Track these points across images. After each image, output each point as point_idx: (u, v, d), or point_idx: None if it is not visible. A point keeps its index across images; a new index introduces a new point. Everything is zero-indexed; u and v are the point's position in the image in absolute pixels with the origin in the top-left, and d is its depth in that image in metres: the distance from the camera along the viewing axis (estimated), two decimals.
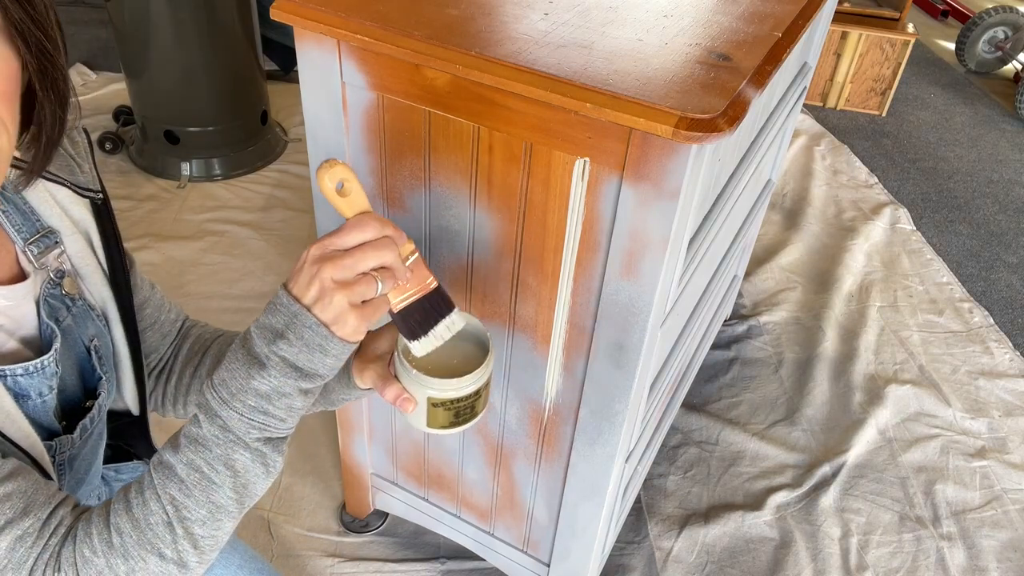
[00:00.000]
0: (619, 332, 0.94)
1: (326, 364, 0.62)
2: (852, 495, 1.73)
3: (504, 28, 0.88)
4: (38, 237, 0.67)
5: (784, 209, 2.65)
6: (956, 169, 2.99)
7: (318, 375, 0.62)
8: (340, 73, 0.93)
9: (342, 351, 0.62)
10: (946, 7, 4.28)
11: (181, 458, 0.61)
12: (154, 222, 2.32)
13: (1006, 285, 2.42)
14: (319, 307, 0.60)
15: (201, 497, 0.61)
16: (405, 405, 0.75)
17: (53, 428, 0.69)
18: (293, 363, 0.61)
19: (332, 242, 0.61)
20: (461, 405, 0.74)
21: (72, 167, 0.70)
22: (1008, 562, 1.64)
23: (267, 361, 0.61)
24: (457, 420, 0.76)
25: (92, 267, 0.72)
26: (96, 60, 3.08)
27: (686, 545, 1.60)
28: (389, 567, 1.51)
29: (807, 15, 1.03)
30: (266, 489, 0.66)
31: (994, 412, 1.97)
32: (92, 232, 0.72)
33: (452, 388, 0.73)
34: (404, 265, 0.66)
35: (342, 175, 0.63)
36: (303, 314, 0.60)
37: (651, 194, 0.82)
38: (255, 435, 0.62)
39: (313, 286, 0.60)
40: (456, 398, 0.73)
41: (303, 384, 0.62)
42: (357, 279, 0.61)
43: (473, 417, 0.76)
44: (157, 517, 0.61)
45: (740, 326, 2.15)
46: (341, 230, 0.62)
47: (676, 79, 0.81)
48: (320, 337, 0.61)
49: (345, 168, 0.64)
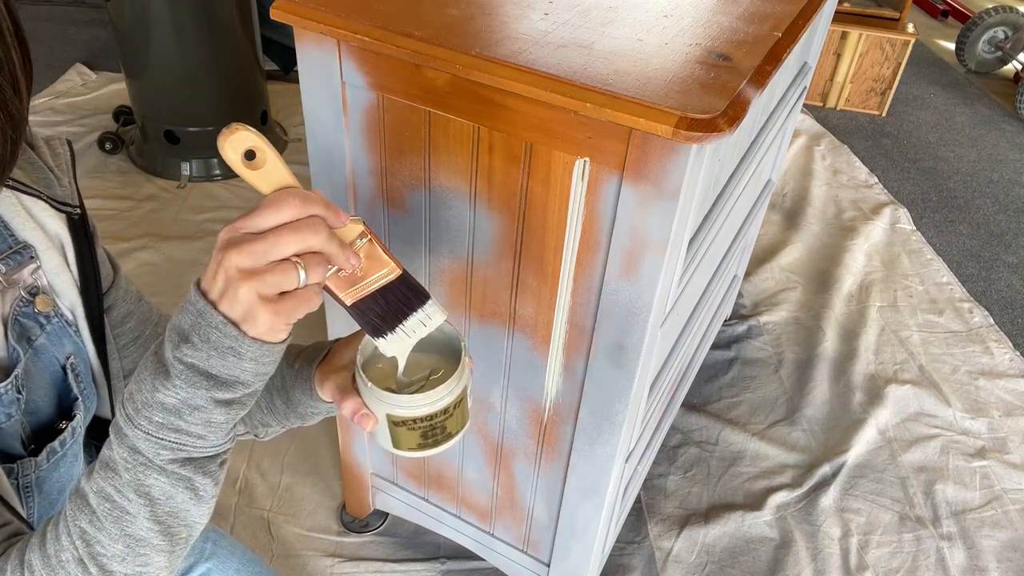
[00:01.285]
0: (619, 332, 0.94)
1: (244, 369, 0.52)
2: (852, 495, 1.73)
3: (504, 28, 0.88)
4: (10, 253, 0.63)
5: (784, 209, 2.65)
6: (956, 169, 2.99)
7: (238, 382, 0.53)
8: (340, 73, 0.93)
9: (261, 354, 0.52)
10: (946, 7, 4.27)
11: (92, 485, 0.54)
12: (154, 222, 2.32)
13: (1006, 285, 2.42)
14: (225, 303, 0.51)
15: (114, 530, 0.54)
16: (364, 422, 0.64)
17: (14, 452, 0.64)
18: (203, 369, 0.52)
19: (243, 224, 0.51)
20: (428, 425, 0.63)
21: (50, 180, 0.67)
22: (1008, 562, 1.64)
23: (171, 369, 0.52)
24: (426, 442, 0.64)
25: (67, 283, 0.68)
26: (96, 60, 3.08)
27: (686, 545, 1.60)
28: (389, 567, 1.51)
29: (807, 15, 1.03)
30: (206, 516, 0.57)
31: (994, 412, 1.97)
32: (67, 247, 0.67)
33: (414, 405, 0.62)
34: (346, 249, 0.54)
35: (249, 142, 0.52)
36: (208, 311, 0.51)
37: (651, 194, 0.82)
38: (167, 456, 0.53)
39: (219, 277, 0.51)
40: (419, 417, 0.62)
41: (218, 394, 0.52)
42: (269, 267, 0.50)
43: (447, 439, 0.65)
44: (68, 554, 0.54)
45: (740, 326, 2.15)
46: (254, 209, 0.51)
47: (676, 79, 0.81)
48: (229, 338, 0.51)
49: (252, 134, 0.52)
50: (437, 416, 0.63)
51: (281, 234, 0.50)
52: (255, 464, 1.67)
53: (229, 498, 1.60)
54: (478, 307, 1.06)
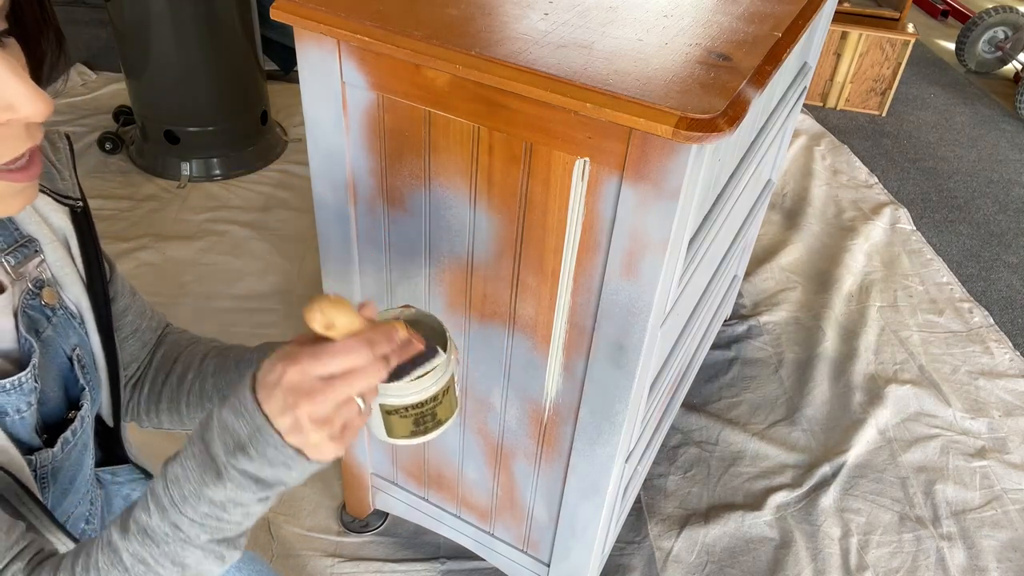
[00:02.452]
0: (619, 332, 0.94)
1: (292, 477, 0.58)
2: (852, 495, 1.73)
3: (504, 28, 0.88)
4: (16, 247, 0.66)
5: (784, 209, 2.65)
6: (956, 169, 2.99)
7: (282, 484, 0.58)
8: (340, 73, 0.93)
9: (311, 466, 0.58)
10: (946, 7, 4.27)
11: (128, 546, 0.59)
12: (154, 222, 2.32)
13: (1006, 285, 2.42)
14: (292, 437, 0.56)
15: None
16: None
17: (33, 443, 0.67)
18: (254, 476, 0.56)
19: (312, 367, 0.55)
20: (419, 412, 0.68)
21: (52, 174, 0.69)
22: (1008, 562, 1.64)
23: (225, 472, 0.56)
24: (419, 429, 0.69)
25: (72, 276, 0.70)
26: (96, 60, 3.08)
27: (686, 545, 1.60)
28: (389, 567, 1.51)
29: (807, 15, 1.03)
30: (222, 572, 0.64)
31: (994, 412, 1.97)
32: (71, 240, 0.70)
33: (405, 393, 0.66)
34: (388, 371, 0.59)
35: (330, 316, 0.57)
36: (269, 431, 0.55)
37: (651, 194, 0.81)
38: (206, 537, 0.59)
39: (286, 417, 0.55)
40: (410, 404, 0.67)
41: (262, 494, 0.58)
42: (337, 411, 0.56)
43: (438, 426, 0.70)
44: None
45: (740, 326, 2.15)
46: (325, 352, 0.55)
47: (676, 79, 0.81)
48: (286, 456, 0.56)
49: (332, 306, 0.57)
50: (427, 403, 0.67)
51: (350, 381, 0.55)
52: None
53: None
54: (478, 307, 1.06)
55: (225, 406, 0.58)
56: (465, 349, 1.12)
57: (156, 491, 0.59)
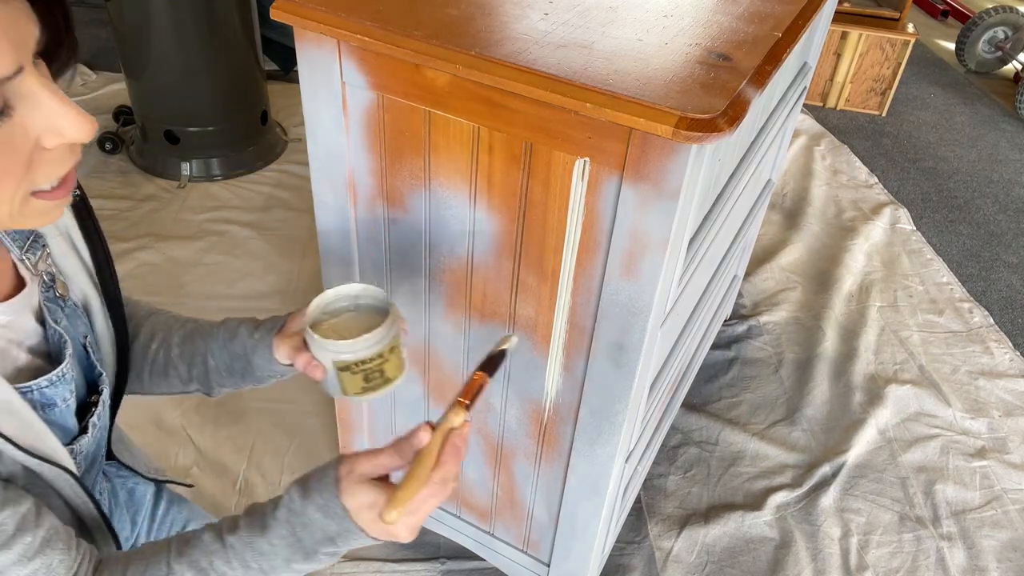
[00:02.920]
0: (619, 332, 0.94)
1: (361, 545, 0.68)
2: (852, 495, 1.73)
3: (504, 28, 0.88)
4: (30, 243, 0.67)
5: (784, 209, 2.65)
6: (956, 169, 2.99)
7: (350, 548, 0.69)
8: (340, 73, 0.93)
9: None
10: (946, 7, 4.28)
11: None
12: (154, 222, 2.32)
13: (1006, 285, 2.42)
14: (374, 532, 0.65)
15: None
16: (314, 372, 0.77)
17: (71, 429, 0.70)
18: (336, 554, 0.68)
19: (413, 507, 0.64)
20: (368, 368, 0.76)
21: None
22: (1008, 562, 1.64)
23: (313, 555, 0.67)
24: (369, 384, 0.77)
25: (75, 266, 0.73)
26: (96, 60, 3.08)
27: (686, 545, 1.60)
28: (389, 567, 1.51)
29: (807, 15, 1.03)
30: None
31: (994, 412, 1.97)
32: (73, 230, 0.72)
33: (353, 350, 0.74)
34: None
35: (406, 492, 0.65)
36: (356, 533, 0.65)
37: (651, 194, 0.82)
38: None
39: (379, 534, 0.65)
40: (359, 360, 0.75)
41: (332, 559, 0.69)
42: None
43: (387, 383, 0.78)
44: None
45: (740, 326, 2.15)
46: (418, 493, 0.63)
47: (676, 79, 0.81)
48: (368, 541, 0.66)
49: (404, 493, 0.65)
50: (374, 360, 0.75)
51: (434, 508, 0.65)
52: (255, 464, 1.67)
53: (229, 498, 1.60)
54: (478, 307, 1.06)
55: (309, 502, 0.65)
56: (465, 349, 1.13)
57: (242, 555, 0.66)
